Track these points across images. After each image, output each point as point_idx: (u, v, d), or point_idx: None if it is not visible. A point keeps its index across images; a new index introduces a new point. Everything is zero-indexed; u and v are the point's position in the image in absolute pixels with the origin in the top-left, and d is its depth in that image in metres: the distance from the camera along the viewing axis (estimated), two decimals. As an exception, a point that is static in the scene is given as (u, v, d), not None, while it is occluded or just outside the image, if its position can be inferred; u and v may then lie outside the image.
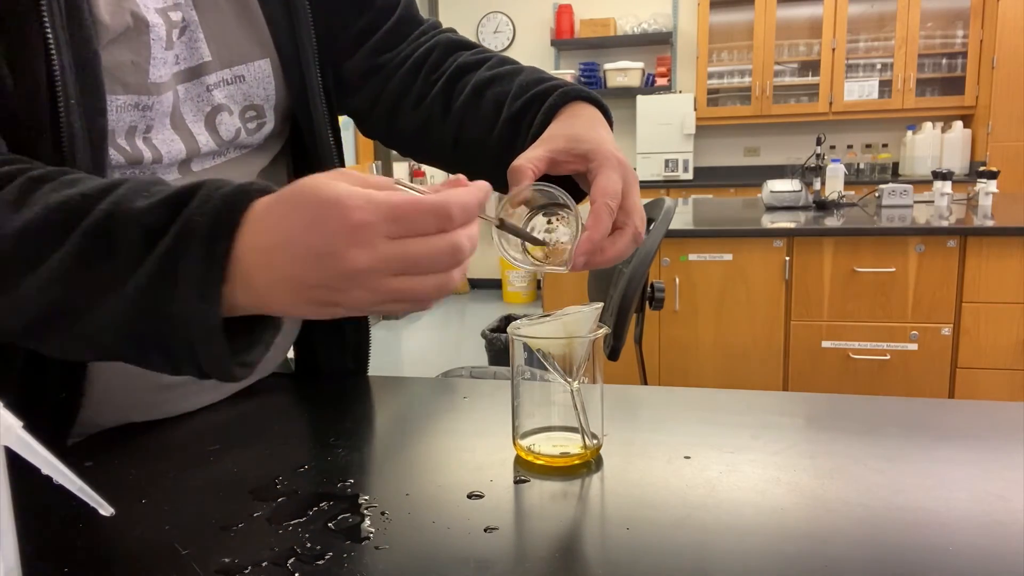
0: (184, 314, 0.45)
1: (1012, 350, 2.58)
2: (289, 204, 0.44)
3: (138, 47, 0.62)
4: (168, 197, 0.46)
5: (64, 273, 0.46)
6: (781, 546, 0.49)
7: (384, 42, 0.81)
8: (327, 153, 0.78)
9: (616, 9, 5.75)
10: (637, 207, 0.61)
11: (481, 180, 0.47)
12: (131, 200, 0.46)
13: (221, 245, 0.44)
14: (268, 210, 0.45)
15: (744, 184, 5.08)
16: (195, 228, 0.44)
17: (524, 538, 0.51)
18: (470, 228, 0.45)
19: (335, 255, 0.42)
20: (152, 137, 0.66)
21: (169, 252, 0.44)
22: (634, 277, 1.46)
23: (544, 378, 0.61)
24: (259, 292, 0.45)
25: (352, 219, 0.41)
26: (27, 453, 0.32)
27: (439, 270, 0.44)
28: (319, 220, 0.42)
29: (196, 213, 0.45)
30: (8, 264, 0.47)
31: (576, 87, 0.71)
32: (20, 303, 0.48)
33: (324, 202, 0.42)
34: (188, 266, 0.44)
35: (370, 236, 0.41)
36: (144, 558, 0.50)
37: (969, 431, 0.67)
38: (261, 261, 0.44)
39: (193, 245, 0.44)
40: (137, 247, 0.45)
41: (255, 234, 0.44)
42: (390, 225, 0.42)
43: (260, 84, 0.72)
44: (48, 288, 0.46)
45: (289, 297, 0.45)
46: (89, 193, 0.47)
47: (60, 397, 0.66)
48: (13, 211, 0.48)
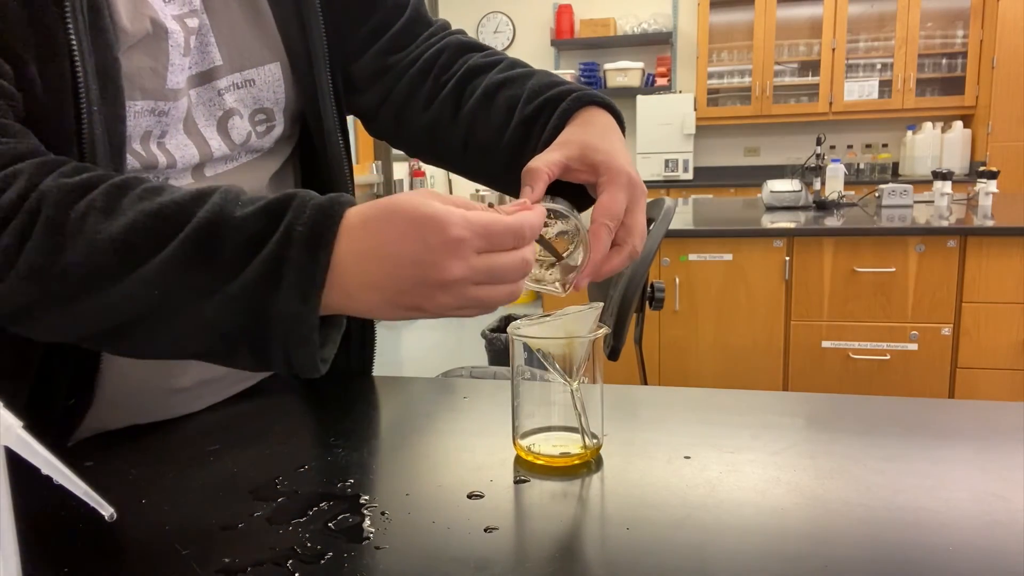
0: (285, 315, 0.48)
1: (1012, 350, 2.58)
2: (388, 217, 0.48)
3: (157, 53, 0.63)
4: (265, 206, 0.50)
5: (164, 278, 0.48)
6: (781, 546, 0.49)
7: (394, 43, 0.81)
8: (336, 155, 0.78)
9: (616, 9, 5.75)
10: (639, 226, 0.62)
11: (539, 204, 0.55)
12: (229, 208, 0.50)
13: (323, 252, 0.48)
14: (365, 221, 0.49)
15: (744, 184, 5.08)
16: (296, 237, 0.48)
17: (524, 538, 0.51)
18: (533, 244, 0.51)
19: (435, 265, 0.47)
20: (166, 142, 0.66)
21: (273, 257, 0.48)
22: (634, 277, 1.46)
23: (544, 378, 0.61)
24: (352, 295, 0.49)
25: (451, 234, 0.46)
26: (27, 453, 0.32)
27: (511, 280, 0.50)
28: (420, 233, 0.47)
29: (296, 223, 0.49)
30: (103, 268, 0.49)
31: (589, 91, 0.70)
32: (114, 306, 0.50)
33: (425, 217, 0.47)
34: (291, 272, 0.48)
35: (465, 250, 0.47)
36: (144, 558, 0.50)
37: (969, 431, 0.67)
38: (359, 267, 0.48)
39: (296, 253, 0.48)
40: (241, 253, 0.49)
41: (353, 241, 0.48)
42: (480, 241, 0.47)
43: (270, 87, 0.72)
44: (145, 292, 0.49)
45: (379, 299, 0.49)
46: (182, 201, 0.50)
47: (69, 403, 0.66)
48: (105, 218, 0.49)
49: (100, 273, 0.49)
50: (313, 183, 0.82)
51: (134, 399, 0.70)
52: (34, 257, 0.49)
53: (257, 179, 0.75)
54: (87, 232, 0.49)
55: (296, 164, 0.82)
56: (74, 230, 0.49)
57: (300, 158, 0.82)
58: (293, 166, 0.82)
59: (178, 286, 0.49)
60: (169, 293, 0.49)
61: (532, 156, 0.69)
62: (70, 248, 0.49)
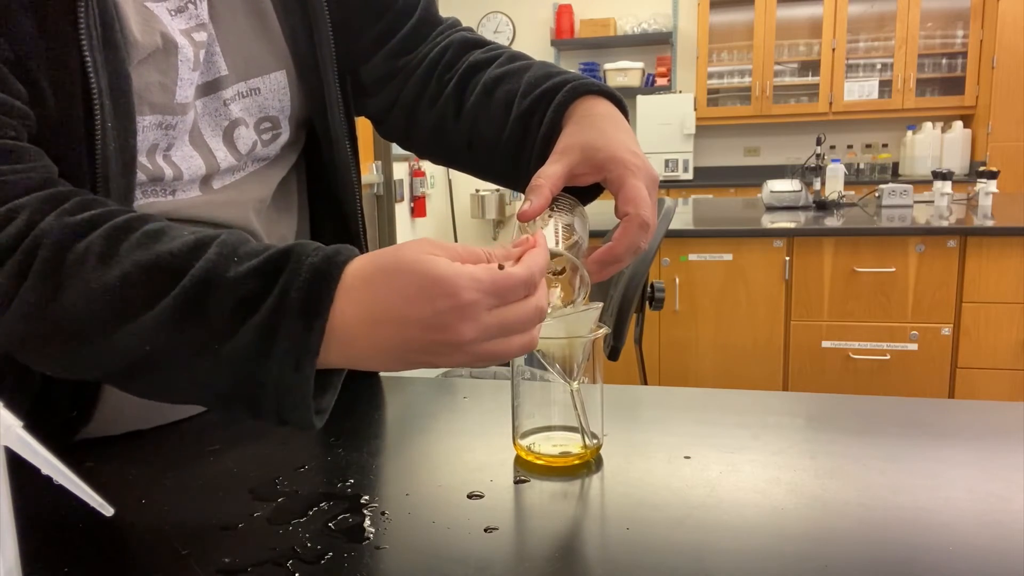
0: (278, 383, 0.47)
1: (1012, 350, 2.58)
2: (389, 277, 0.46)
3: (166, 68, 0.62)
4: (259, 265, 0.48)
5: (156, 334, 0.47)
6: (781, 546, 0.49)
7: (403, 45, 0.79)
8: (344, 161, 0.77)
9: (616, 9, 5.75)
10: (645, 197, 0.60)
11: (540, 232, 0.52)
12: (224, 266, 0.48)
13: (318, 321, 0.46)
14: (368, 281, 0.47)
15: (744, 184, 5.08)
16: (290, 303, 0.46)
17: (524, 538, 0.51)
18: (543, 289, 0.49)
19: (445, 329, 0.45)
20: (172, 154, 0.66)
21: (266, 325, 0.46)
22: (634, 277, 1.46)
23: (544, 378, 0.61)
24: (354, 356, 0.48)
25: (462, 298, 0.44)
26: (27, 453, 0.32)
27: (526, 330, 0.48)
28: (428, 297, 0.45)
29: (291, 287, 0.47)
30: (97, 320, 0.48)
31: (585, 80, 0.69)
32: (104, 356, 0.49)
33: (434, 280, 0.45)
34: (284, 341, 0.46)
35: (476, 311, 0.45)
36: (144, 558, 0.50)
37: (969, 431, 0.67)
38: (360, 331, 0.46)
39: (290, 321, 0.46)
40: (232, 316, 0.47)
41: (353, 303, 0.46)
42: (491, 299, 0.46)
43: (275, 96, 0.71)
44: (138, 346, 0.48)
45: (385, 359, 0.48)
46: (179, 253, 0.49)
47: (71, 415, 0.66)
48: (102, 265, 0.48)
49: (92, 322, 0.48)
50: (320, 189, 0.82)
51: (136, 409, 0.69)
52: (29, 298, 0.48)
53: (264, 188, 0.74)
54: (82, 279, 0.48)
55: (302, 170, 0.82)
56: (70, 275, 0.48)
57: (307, 164, 0.82)
58: (299, 173, 0.81)
59: (169, 343, 0.47)
60: (160, 349, 0.48)
61: (532, 151, 0.69)
62: (64, 294, 0.48)
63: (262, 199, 0.74)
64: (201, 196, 0.68)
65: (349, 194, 0.79)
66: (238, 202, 0.71)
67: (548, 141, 0.66)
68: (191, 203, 0.67)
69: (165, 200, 0.66)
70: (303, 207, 0.82)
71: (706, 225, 2.87)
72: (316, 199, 0.83)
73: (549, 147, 0.65)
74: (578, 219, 0.61)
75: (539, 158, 0.67)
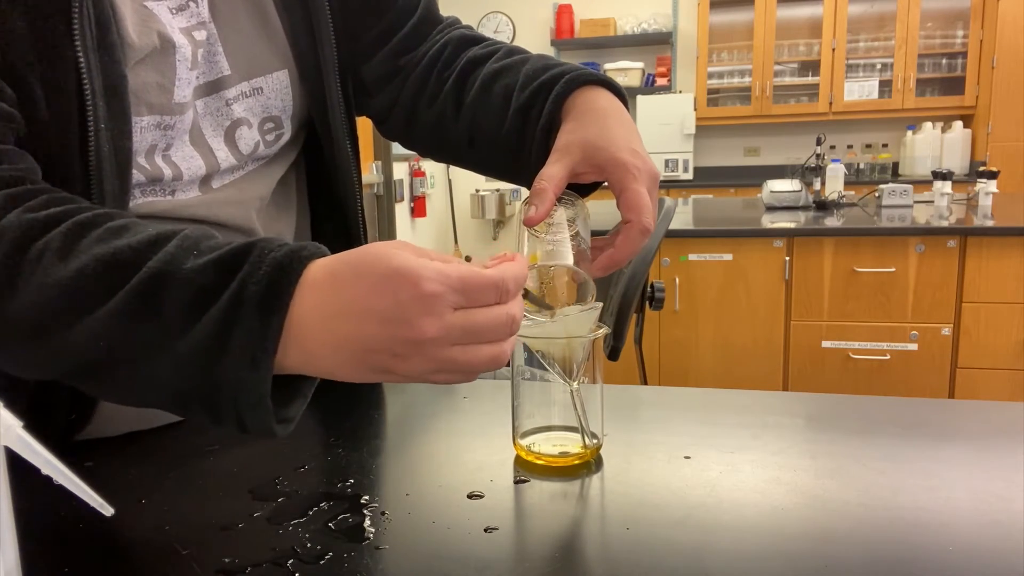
0: (234, 381, 0.45)
1: (1012, 350, 2.58)
2: (354, 269, 0.44)
3: (164, 68, 0.62)
4: (219, 258, 0.46)
5: (110, 330, 0.46)
6: (781, 546, 0.49)
7: (404, 44, 0.79)
8: (345, 161, 0.77)
9: (616, 9, 5.75)
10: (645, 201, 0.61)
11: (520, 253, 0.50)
12: (181, 259, 0.46)
13: (276, 316, 0.44)
14: (330, 275, 0.45)
15: (744, 184, 5.08)
16: (248, 297, 0.44)
17: (524, 538, 0.51)
18: (519, 299, 0.47)
19: (406, 322, 0.42)
20: (172, 154, 0.65)
21: (222, 319, 0.44)
22: (634, 277, 1.46)
23: (544, 378, 0.61)
24: (312, 355, 0.45)
25: (425, 289, 0.42)
26: (27, 453, 0.32)
27: (496, 340, 0.45)
28: (390, 288, 0.43)
29: (250, 280, 0.45)
30: (52, 315, 0.46)
31: (583, 71, 0.68)
32: (61, 353, 0.47)
33: (395, 271, 0.43)
34: (241, 335, 0.44)
35: (440, 306, 0.43)
36: (144, 558, 0.50)
37: (969, 431, 0.67)
38: (321, 326, 0.44)
39: (246, 314, 0.44)
40: (187, 310, 0.45)
41: (314, 299, 0.44)
42: (457, 296, 0.43)
43: (278, 95, 0.71)
44: (92, 342, 0.46)
45: (344, 360, 0.45)
46: (138, 247, 0.47)
47: (69, 419, 0.66)
48: (59, 260, 0.47)
49: (49, 318, 0.46)
50: (321, 189, 0.82)
51: (135, 411, 0.69)
52: None
53: (264, 186, 0.74)
54: (40, 274, 0.47)
55: (302, 168, 0.82)
56: (28, 271, 0.47)
57: (308, 164, 0.82)
58: (298, 170, 0.81)
59: (124, 339, 0.46)
60: (116, 346, 0.46)
61: (533, 145, 0.69)
62: (21, 290, 0.47)
63: (262, 197, 0.74)
64: (201, 196, 0.68)
65: (350, 194, 0.79)
66: (238, 201, 0.71)
67: (548, 133, 0.66)
68: (191, 203, 0.67)
69: (164, 200, 0.66)
70: (303, 205, 0.82)
71: (706, 225, 2.87)
72: (317, 199, 0.83)
73: (549, 139, 0.65)
74: (579, 215, 0.61)
75: (540, 151, 0.67)
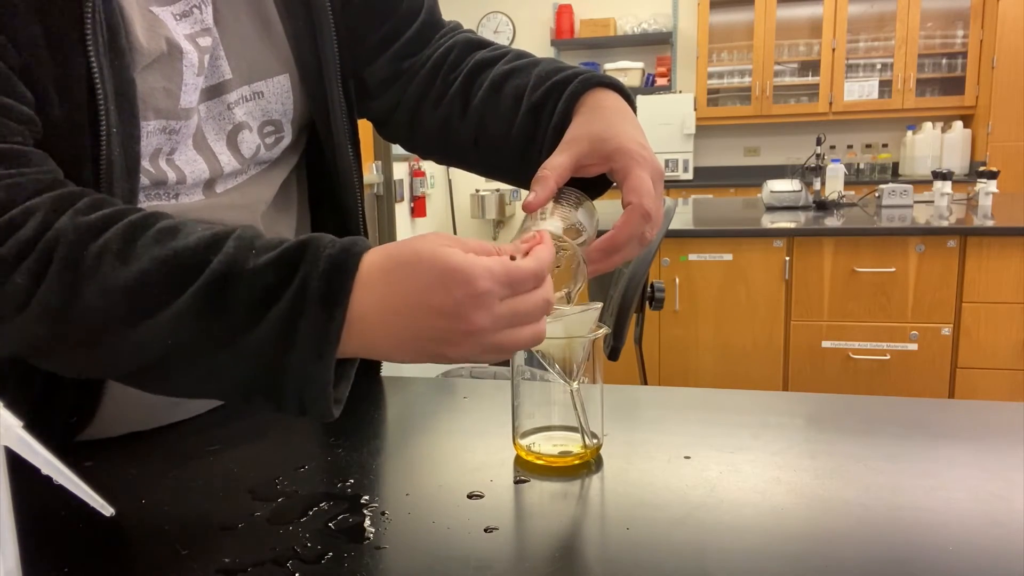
0: (300, 371, 0.48)
1: (1012, 350, 2.58)
2: (408, 267, 0.48)
3: (171, 73, 0.62)
4: (279, 257, 0.49)
5: (177, 329, 0.48)
6: (781, 546, 0.49)
7: (408, 48, 0.79)
8: (346, 165, 0.77)
9: (616, 9, 5.75)
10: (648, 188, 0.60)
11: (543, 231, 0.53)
12: (243, 258, 0.49)
13: (339, 310, 0.47)
14: (386, 272, 0.48)
15: (744, 184, 5.08)
16: (310, 293, 0.47)
17: (524, 538, 0.51)
18: (550, 281, 0.51)
19: (460, 317, 0.47)
20: (176, 158, 0.66)
21: (287, 315, 0.47)
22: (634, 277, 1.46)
23: (544, 378, 0.61)
24: (371, 344, 0.49)
25: (478, 287, 0.46)
26: (27, 453, 0.32)
27: (535, 321, 0.50)
28: (444, 286, 0.46)
29: (310, 277, 0.48)
30: (117, 317, 0.48)
31: (596, 73, 0.69)
32: (126, 352, 0.49)
33: (451, 269, 0.46)
34: (306, 329, 0.47)
35: (490, 300, 0.47)
36: (144, 558, 0.50)
37: (969, 431, 0.67)
38: (379, 319, 0.48)
39: (310, 309, 0.47)
40: (253, 308, 0.48)
41: (372, 293, 0.48)
42: (504, 289, 0.47)
43: (278, 99, 0.71)
44: (159, 342, 0.48)
45: (400, 347, 0.49)
46: (196, 247, 0.49)
47: (70, 421, 0.66)
48: (120, 263, 0.49)
49: (113, 320, 0.48)
50: (322, 192, 0.81)
51: (137, 412, 0.69)
52: (47, 299, 0.48)
53: (267, 190, 0.74)
54: (101, 277, 0.48)
55: (303, 171, 0.81)
56: (88, 274, 0.48)
57: (309, 166, 0.81)
58: (299, 174, 0.81)
59: (191, 337, 0.48)
60: (182, 343, 0.48)
61: (543, 144, 0.69)
62: (84, 293, 0.48)
63: (265, 201, 0.74)
64: (205, 200, 0.68)
65: (351, 197, 0.79)
66: (241, 205, 0.71)
67: (559, 132, 0.66)
68: (195, 207, 0.67)
69: (169, 204, 0.66)
70: (303, 207, 0.82)
71: (706, 225, 2.87)
72: (318, 202, 0.83)
73: (559, 139, 0.65)
74: (584, 213, 0.60)
75: (549, 150, 0.67)
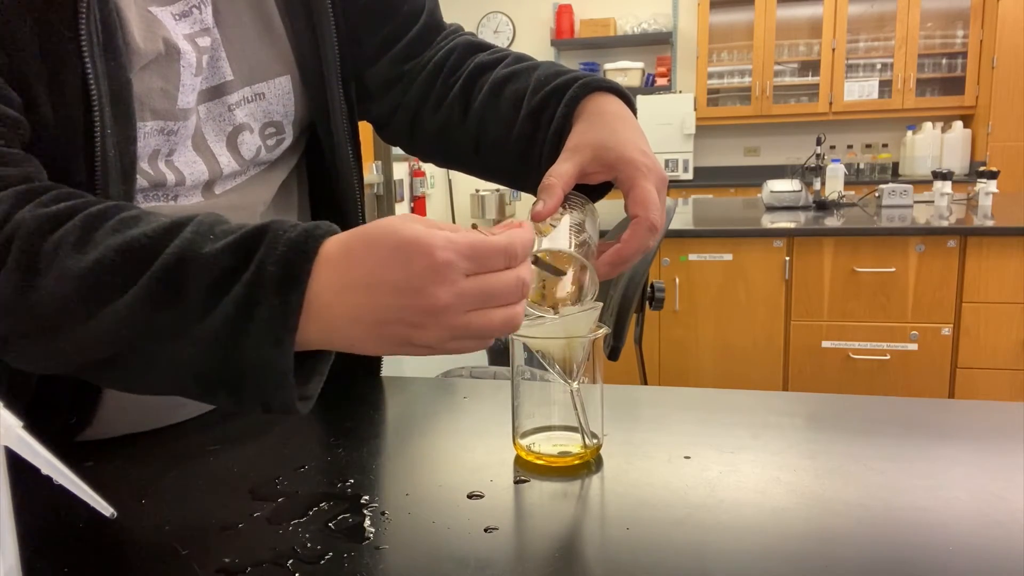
0: (258, 360, 0.46)
1: (1012, 350, 2.58)
2: (367, 243, 0.45)
3: (169, 74, 0.62)
4: (236, 241, 0.47)
5: (132, 317, 0.46)
6: (781, 546, 0.49)
7: (408, 50, 0.79)
8: (346, 166, 0.77)
9: (616, 9, 5.75)
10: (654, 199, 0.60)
11: (527, 220, 0.50)
12: (199, 244, 0.47)
13: (295, 294, 0.45)
14: (345, 250, 0.46)
15: (744, 184, 5.08)
16: (267, 277, 0.45)
17: (524, 538, 0.51)
18: (527, 264, 0.48)
19: (419, 291, 0.43)
20: (175, 160, 0.65)
21: (243, 300, 0.45)
22: (634, 277, 1.47)
23: (544, 378, 0.61)
24: (332, 329, 0.46)
25: (437, 258, 0.43)
26: (27, 453, 0.32)
27: (508, 303, 0.46)
28: (402, 258, 0.43)
29: (267, 261, 0.46)
30: (72, 306, 0.47)
31: (596, 77, 0.69)
32: (84, 344, 0.48)
33: (407, 241, 0.43)
34: (262, 315, 0.45)
35: (452, 274, 0.43)
36: (144, 558, 0.50)
37: (969, 431, 0.67)
38: (338, 300, 0.45)
39: (267, 294, 0.45)
40: (208, 293, 0.46)
41: (331, 274, 0.45)
42: (468, 263, 0.44)
43: (280, 101, 0.71)
44: (115, 331, 0.47)
45: (363, 332, 0.46)
46: (153, 234, 0.47)
47: (70, 422, 0.66)
48: (77, 252, 0.47)
49: (68, 310, 0.47)
50: (322, 192, 0.81)
51: (136, 414, 0.69)
52: (4, 291, 0.47)
53: (266, 191, 0.74)
54: (57, 267, 0.47)
55: (303, 172, 0.81)
56: (45, 265, 0.47)
57: (308, 167, 0.81)
58: (299, 174, 0.81)
59: (147, 326, 0.46)
60: (139, 333, 0.47)
61: (543, 148, 0.69)
62: (40, 283, 0.47)
63: (264, 202, 0.74)
64: (204, 201, 0.68)
65: (351, 198, 0.79)
66: (241, 206, 0.71)
67: (559, 137, 0.66)
68: (194, 208, 0.67)
69: (167, 205, 0.66)
70: (303, 209, 0.82)
71: (706, 225, 2.87)
72: (318, 202, 0.83)
73: (560, 143, 0.65)
74: (589, 217, 0.61)
75: (549, 155, 0.67)
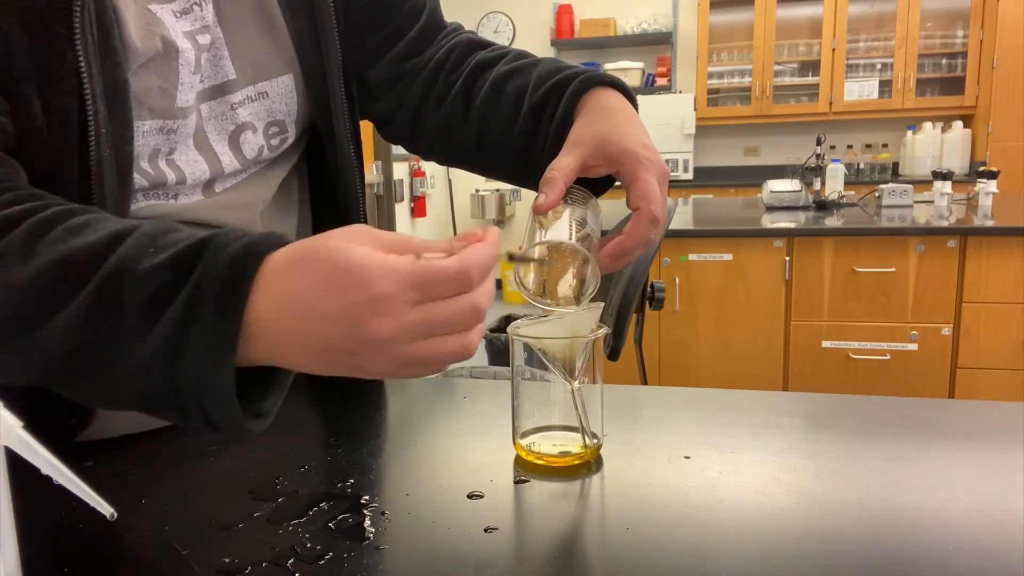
0: (196, 381, 0.44)
1: (1012, 350, 2.58)
2: (307, 267, 0.42)
3: (167, 72, 0.62)
4: (174, 257, 0.45)
5: (72, 332, 0.45)
6: (781, 546, 0.49)
7: (410, 49, 0.79)
8: (347, 165, 0.77)
9: (616, 9, 5.75)
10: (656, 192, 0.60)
11: (493, 228, 0.47)
12: (137, 258, 0.45)
13: (232, 315, 0.43)
14: (285, 271, 0.43)
15: (744, 184, 5.08)
16: (205, 297, 0.43)
17: (524, 538, 0.51)
18: (487, 285, 0.44)
19: (358, 324, 0.41)
20: (176, 159, 0.65)
21: (180, 320, 0.43)
22: (634, 277, 1.47)
23: (544, 378, 0.61)
24: (276, 350, 0.44)
25: (375, 290, 0.40)
26: (27, 453, 0.32)
27: (460, 331, 0.44)
28: (340, 288, 0.41)
29: (205, 279, 0.43)
30: (15, 319, 0.45)
31: (597, 73, 0.69)
32: (26, 357, 0.46)
33: (345, 270, 0.41)
34: (199, 336, 0.43)
35: (393, 305, 0.41)
36: (144, 558, 0.50)
37: (969, 431, 0.67)
38: (278, 324, 0.43)
39: (204, 314, 0.43)
40: (145, 312, 0.44)
41: (271, 298, 0.43)
42: (412, 292, 0.41)
43: (283, 100, 0.71)
44: (56, 345, 0.45)
45: (311, 358, 0.44)
46: (95, 246, 0.46)
47: (70, 422, 0.66)
48: (20, 261, 0.46)
49: (12, 322, 0.45)
50: (323, 192, 0.81)
51: (135, 414, 0.69)
52: None
53: (266, 188, 0.74)
54: (1, 277, 0.46)
55: (304, 169, 0.82)
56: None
57: (310, 166, 0.81)
58: (300, 173, 0.81)
59: (87, 343, 0.45)
60: (78, 350, 0.45)
61: (545, 144, 0.69)
62: None
63: (265, 200, 0.74)
64: (204, 200, 0.68)
65: (352, 197, 0.79)
66: (241, 204, 0.71)
67: (561, 132, 0.66)
68: (194, 207, 0.67)
69: (167, 204, 0.66)
70: (304, 206, 0.82)
71: (706, 225, 2.87)
72: (319, 201, 0.83)
73: (561, 139, 0.65)
74: (591, 211, 0.61)
75: (551, 150, 0.67)
